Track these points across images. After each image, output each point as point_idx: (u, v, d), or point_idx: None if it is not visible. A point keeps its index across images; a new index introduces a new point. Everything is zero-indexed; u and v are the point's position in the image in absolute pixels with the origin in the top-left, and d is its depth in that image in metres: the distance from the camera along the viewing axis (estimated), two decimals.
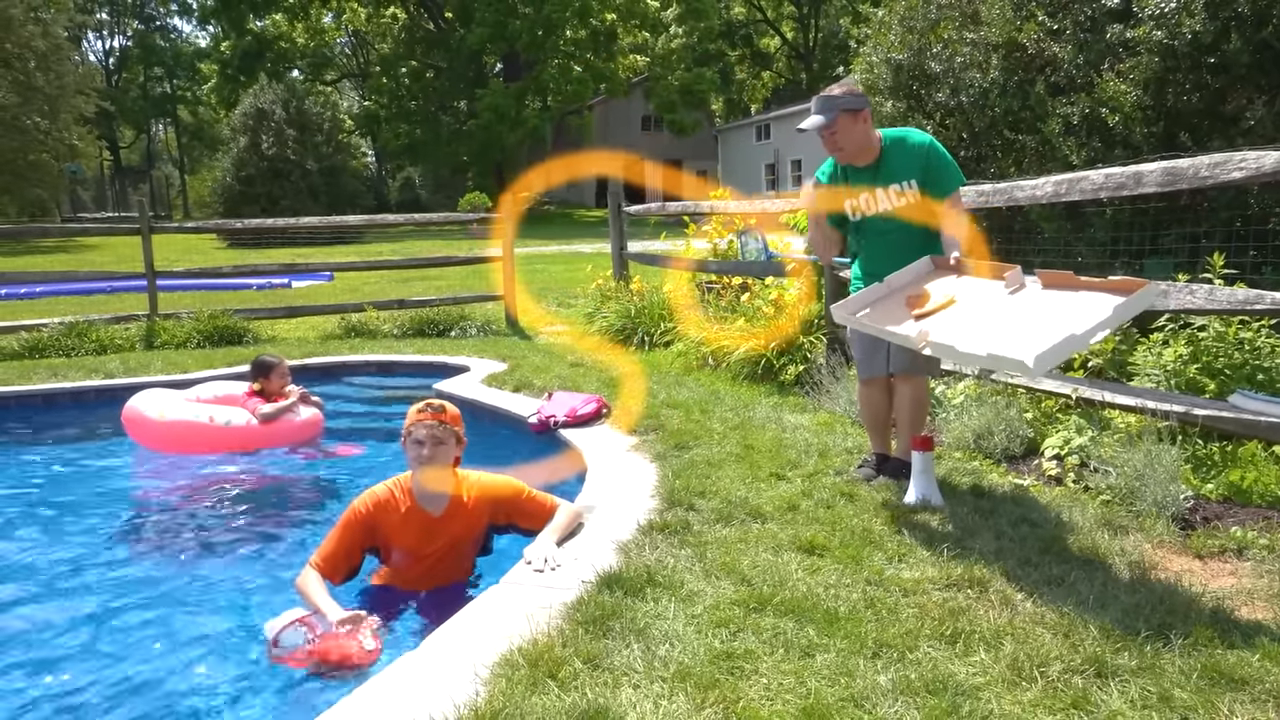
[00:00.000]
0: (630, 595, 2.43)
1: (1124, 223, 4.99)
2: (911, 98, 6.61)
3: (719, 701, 1.90)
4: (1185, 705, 1.87)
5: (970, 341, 2.67)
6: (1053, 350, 2.44)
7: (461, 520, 3.01)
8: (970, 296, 2.95)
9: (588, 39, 37.83)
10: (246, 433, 5.07)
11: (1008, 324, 2.68)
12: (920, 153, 3.33)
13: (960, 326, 2.80)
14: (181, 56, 55.92)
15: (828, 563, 2.68)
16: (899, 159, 3.36)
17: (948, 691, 1.92)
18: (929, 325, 2.87)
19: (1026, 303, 2.78)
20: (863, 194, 3.42)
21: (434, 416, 2.92)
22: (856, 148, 3.36)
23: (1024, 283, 2.86)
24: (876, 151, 3.38)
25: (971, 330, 2.75)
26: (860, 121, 3.33)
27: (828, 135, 3.33)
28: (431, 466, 2.90)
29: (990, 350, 2.57)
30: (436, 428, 2.91)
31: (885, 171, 3.38)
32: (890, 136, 3.41)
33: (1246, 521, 3.00)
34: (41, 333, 8.09)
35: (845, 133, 3.32)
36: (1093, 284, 2.64)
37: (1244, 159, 3.04)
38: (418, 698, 1.96)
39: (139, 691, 2.55)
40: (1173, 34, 4.61)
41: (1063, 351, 2.51)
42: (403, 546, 2.99)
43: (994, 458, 3.89)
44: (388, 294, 11.75)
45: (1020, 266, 2.90)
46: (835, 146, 3.37)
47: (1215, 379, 3.80)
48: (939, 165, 3.33)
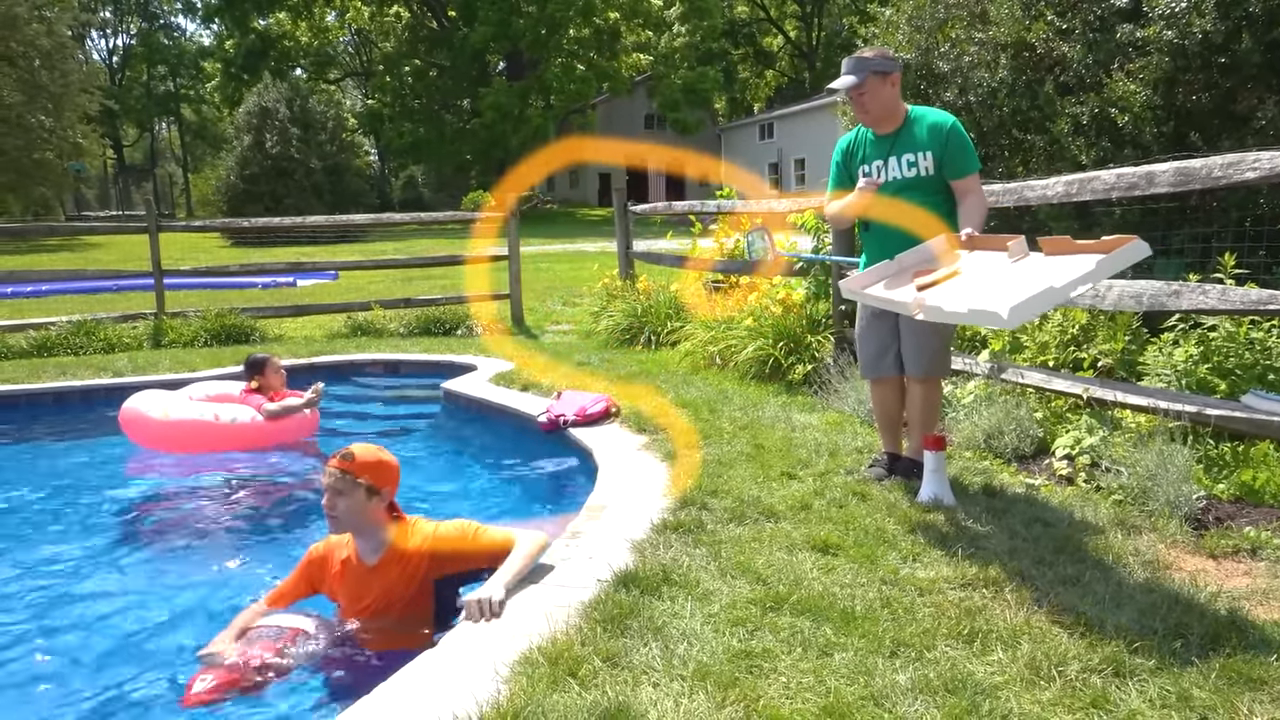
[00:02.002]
0: (647, 594, 2.44)
1: (1134, 223, 4.99)
2: (919, 97, 6.60)
3: (739, 700, 1.91)
4: (1204, 705, 1.87)
5: (955, 301, 2.70)
6: (1029, 302, 2.45)
7: (397, 571, 2.71)
8: (974, 268, 2.97)
9: (591, 38, 37.82)
10: (253, 430, 5.08)
11: (998, 286, 2.69)
12: (942, 130, 3.33)
13: (954, 292, 2.82)
14: (185, 55, 55.96)
15: (842, 562, 2.69)
16: (920, 131, 3.36)
17: (967, 690, 1.92)
18: (928, 294, 2.87)
19: (1025, 268, 2.78)
20: (874, 162, 3.45)
21: (340, 465, 2.68)
22: (884, 111, 3.38)
23: (1027, 252, 2.86)
24: (899, 121, 3.40)
25: (962, 293, 2.76)
26: (889, 85, 3.34)
27: (856, 96, 3.35)
28: (333, 517, 2.69)
29: (970, 306, 2.59)
30: (338, 479, 2.66)
31: (902, 142, 3.39)
32: (917, 111, 3.43)
33: (1259, 521, 3.00)
34: (50, 331, 8.11)
35: (874, 94, 3.33)
36: (1088, 246, 2.64)
37: (1257, 159, 3.04)
38: (440, 696, 1.97)
39: (144, 687, 2.56)
40: (1183, 34, 4.61)
41: (1041, 304, 2.52)
42: (341, 597, 2.78)
43: (1004, 457, 3.89)
44: (392, 293, 11.77)
45: (1024, 237, 2.90)
46: (863, 108, 3.38)
47: (1226, 379, 3.80)
48: (959, 145, 3.32)
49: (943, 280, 2.93)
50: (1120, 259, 2.53)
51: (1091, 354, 4.52)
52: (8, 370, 6.91)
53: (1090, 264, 2.50)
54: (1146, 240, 2.56)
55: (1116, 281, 3.71)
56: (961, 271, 2.95)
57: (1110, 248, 2.55)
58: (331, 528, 2.72)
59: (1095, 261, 2.50)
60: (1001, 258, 2.91)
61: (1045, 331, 4.86)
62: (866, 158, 3.48)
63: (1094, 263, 2.50)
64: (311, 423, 5.41)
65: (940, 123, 3.35)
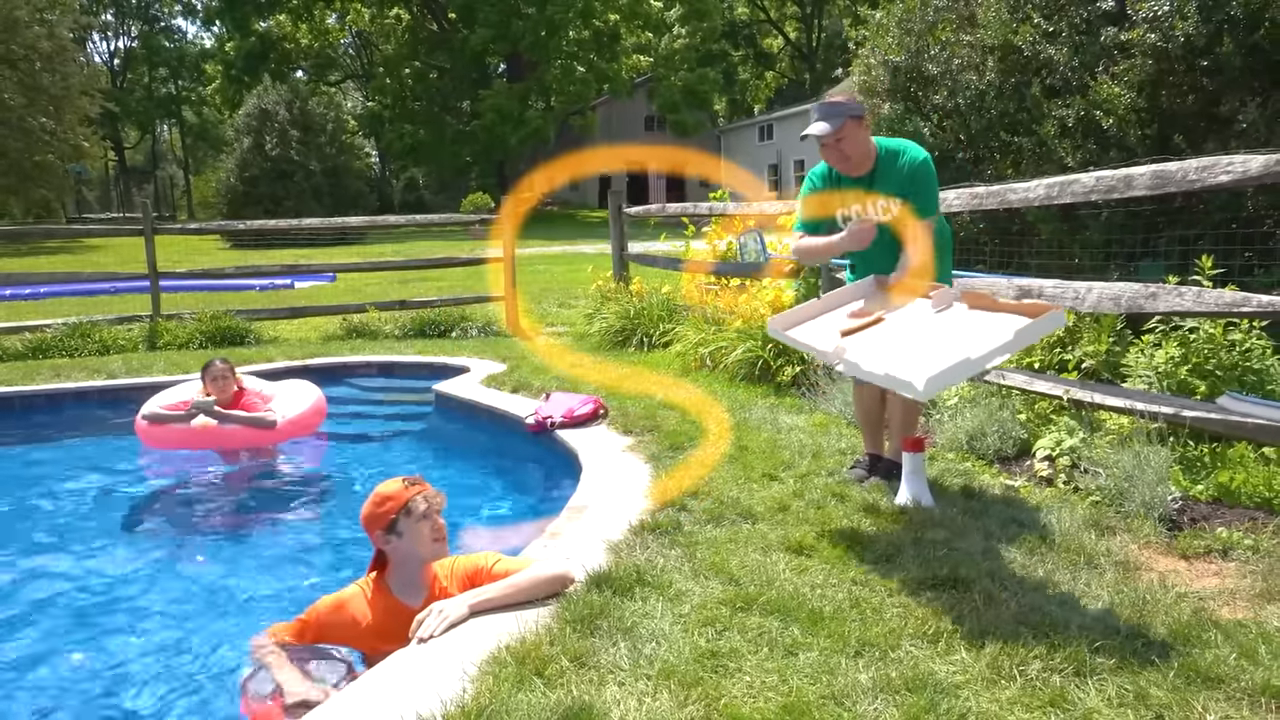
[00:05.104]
0: (619, 594, 2.46)
1: (1120, 225, 5.02)
2: (909, 99, 6.64)
3: (701, 699, 1.93)
4: (1161, 703, 1.89)
5: (874, 361, 2.74)
6: (944, 374, 2.52)
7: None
8: (899, 315, 3.01)
9: (591, 39, 37.88)
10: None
11: (918, 344, 2.74)
12: (906, 173, 3.28)
13: (875, 345, 2.85)
14: (186, 57, 56.08)
15: (815, 563, 2.71)
16: (890, 173, 3.31)
17: (927, 689, 1.95)
18: (850, 343, 2.91)
19: (947, 322, 2.85)
20: (854, 204, 3.41)
21: (430, 490, 2.60)
22: (862, 155, 3.31)
23: (951, 303, 2.92)
24: (872, 162, 3.34)
25: (882, 349, 2.80)
26: (863, 129, 3.29)
27: (833, 143, 3.24)
28: (442, 544, 2.60)
29: (887, 371, 2.64)
30: (436, 500, 2.60)
31: (879, 183, 3.34)
32: (885, 149, 3.35)
33: (1233, 522, 3.02)
34: (45, 333, 8.15)
35: (852, 139, 3.24)
36: (1009, 306, 2.72)
37: (1230, 163, 3.06)
38: (406, 695, 1.99)
39: (140, 684, 2.59)
40: (1166, 37, 4.64)
41: (957, 374, 2.59)
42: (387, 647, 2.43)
43: (987, 459, 3.91)
44: (389, 295, 11.80)
45: (949, 287, 2.95)
46: (843, 155, 3.28)
47: (1206, 380, 3.82)
48: (921, 188, 3.28)
49: (866, 327, 2.97)
50: (1038, 328, 2.64)
51: (1076, 355, 4.55)
52: (3, 373, 6.94)
53: (1009, 334, 2.59)
54: (1131, 241, 2.60)
55: (1095, 284, 3.73)
56: (886, 318, 3.00)
57: (1028, 313, 2.64)
58: (442, 552, 2.62)
59: (1013, 332, 2.59)
60: (926, 305, 2.97)
61: None
62: (845, 199, 3.42)
63: (1012, 333, 2.59)
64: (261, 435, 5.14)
65: (906, 164, 3.29)
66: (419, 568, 2.58)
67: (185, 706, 2.55)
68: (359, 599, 2.57)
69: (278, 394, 5.36)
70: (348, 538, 3.81)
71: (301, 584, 3.43)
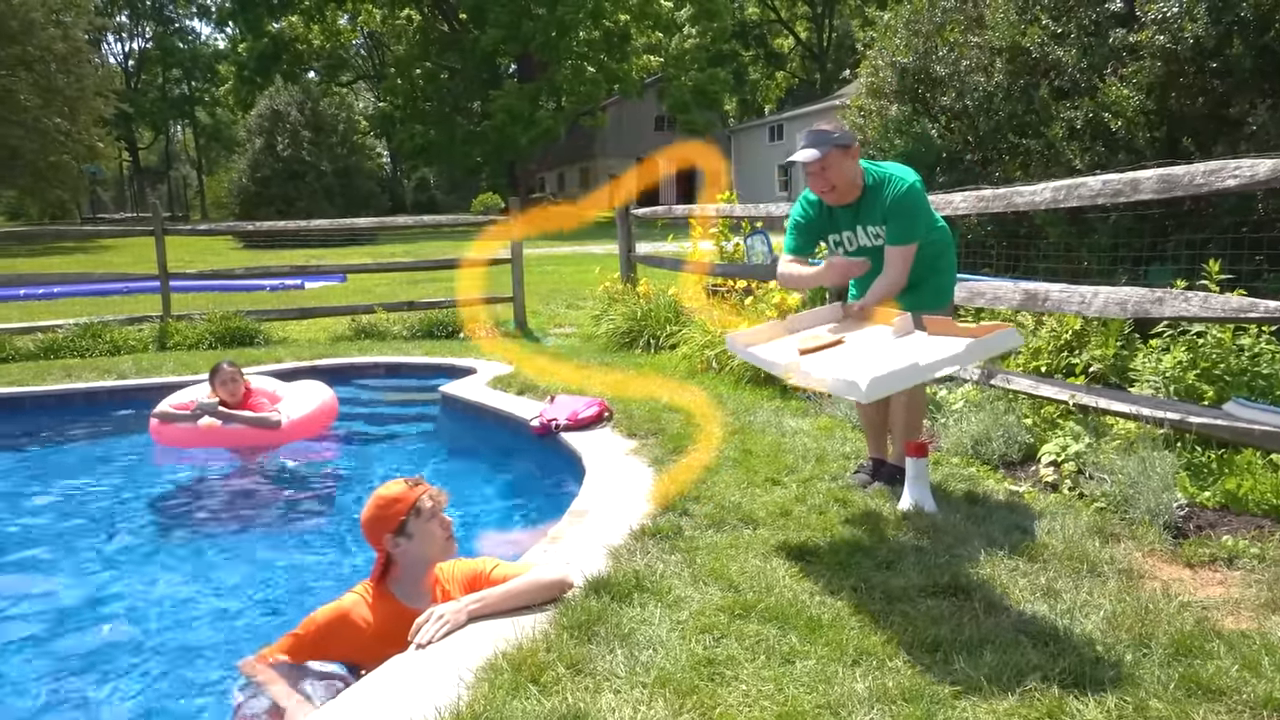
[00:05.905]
0: (617, 601, 2.45)
1: (1128, 228, 4.98)
2: (917, 101, 6.61)
3: (696, 708, 1.92)
4: (1160, 716, 1.87)
5: (823, 369, 2.76)
6: (890, 376, 2.53)
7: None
8: (858, 339, 3.03)
9: (601, 40, 37.89)
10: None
11: (870, 359, 2.75)
12: (889, 203, 3.25)
13: (829, 360, 2.85)
14: (199, 58, 56.46)
15: (815, 569, 2.70)
16: (876, 203, 3.28)
17: (924, 700, 1.93)
18: (806, 359, 2.91)
19: (905, 345, 2.85)
20: (844, 232, 3.38)
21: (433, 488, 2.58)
22: (847, 184, 3.27)
23: (912, 330, 2.93)
24: (859, 192, 3.31)
25: (835, 363, 2.81)
26: (850, 158, 3.25)
27: (818, 171, 3.21)
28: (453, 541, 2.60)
29: (834, 375, 2.65)
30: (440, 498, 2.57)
31: (864, 213, 3.32)
32: (874, 177, 3.31)
33: (1239, 530, 2.99)
34: (57, 334, 8.21)
35: (836, 168, 3.21)
36: (969, 329, 2.75)
37: (1238, 167, 3.03)
38: (400, 701, 2.00)
39: (140, 685, 2.61)
40: (1175, 39, 4.60)
41: (903, 379, 2.61)
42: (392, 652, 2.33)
43: (992, 464, 3.89)
44: (398, 295, 11.82)
45: (911, 315, 2.95)
46: (827, 184, 3.25)
47: (1214, 385, 3.79)
48: (898, 216, 3.24)
49: (825, 347, 2.97)
50: (992, 344, 2.68)
51: (1084, 359, 4.52)
52: (14, 373, 7.00)
53: (960, 346, 2.62)
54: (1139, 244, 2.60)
55: (1102, 288, 3.71)
56: (846, 341, 3.01)
57: (984, 333, 2.67)
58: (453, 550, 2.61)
59: (965, 345, 2.63)
60: (887, 332, 2.98)
61: (1039, 337, 4.85)
62: (836, 226, 3.40)
63: (963, 346, 2.62)
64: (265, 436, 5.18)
65: (889, 194, 3.25)
66: (426, 570, 2.54)
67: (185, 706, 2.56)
68: (360, 605, 2.50)
69: (289, 395, 5.38)
70: (352, 539, 3.82)
71: (307, 583, 3.44)
